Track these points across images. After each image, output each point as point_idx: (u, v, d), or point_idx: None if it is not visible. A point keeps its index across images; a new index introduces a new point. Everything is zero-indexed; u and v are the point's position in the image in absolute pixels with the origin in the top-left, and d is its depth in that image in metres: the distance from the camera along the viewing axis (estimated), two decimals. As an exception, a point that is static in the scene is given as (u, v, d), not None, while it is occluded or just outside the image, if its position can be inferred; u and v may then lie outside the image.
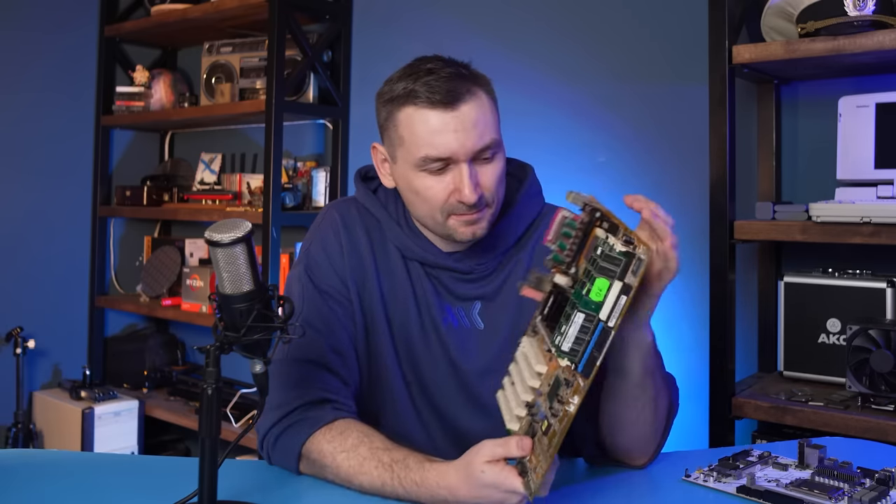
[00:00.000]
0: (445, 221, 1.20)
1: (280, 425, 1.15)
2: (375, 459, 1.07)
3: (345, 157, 2.85)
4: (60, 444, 2.95)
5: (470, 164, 1.17)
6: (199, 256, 3.16)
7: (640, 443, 1.16)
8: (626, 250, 0.87)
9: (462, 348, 1.26)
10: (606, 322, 0.87)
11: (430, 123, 1.16)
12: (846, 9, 1.64)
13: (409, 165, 1.19)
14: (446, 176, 1.18)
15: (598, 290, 0.88)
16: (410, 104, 1.17)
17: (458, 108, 1.15)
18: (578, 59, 2.35)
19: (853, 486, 1.04)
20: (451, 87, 1.15)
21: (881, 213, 1.60)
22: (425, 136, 1.16)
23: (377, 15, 2.81)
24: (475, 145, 1.16)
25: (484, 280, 1.27)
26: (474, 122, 1.16)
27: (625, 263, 0.87)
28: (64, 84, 3.23)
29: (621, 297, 0.87)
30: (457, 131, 1.15)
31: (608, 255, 0.89)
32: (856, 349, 1.65)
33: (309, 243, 1.30)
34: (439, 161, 1.16)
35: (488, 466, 0.95)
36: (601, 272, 0.89)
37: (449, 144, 1.15)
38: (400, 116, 1.19)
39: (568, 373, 0.91)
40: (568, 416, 0.88)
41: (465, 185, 1.16)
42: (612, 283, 0.87)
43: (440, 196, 1.18)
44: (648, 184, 2.22)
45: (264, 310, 0.98)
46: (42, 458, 1.36)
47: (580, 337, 0.89)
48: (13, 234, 3.10)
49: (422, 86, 1.16)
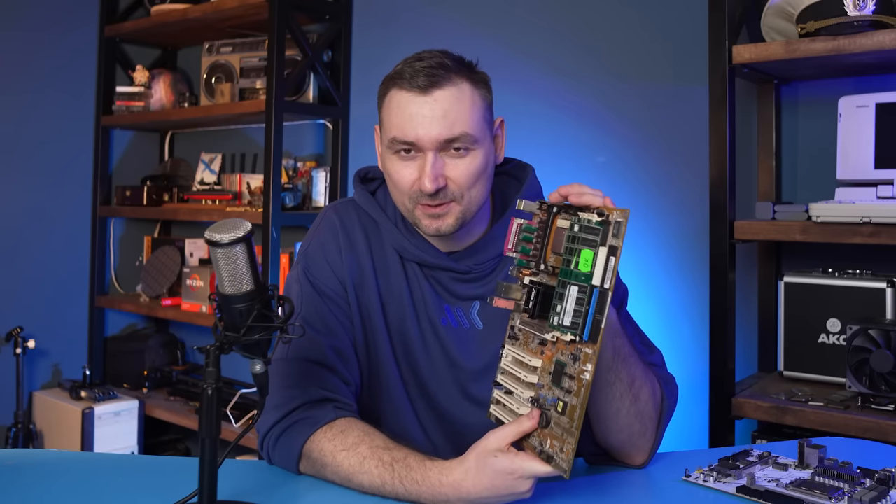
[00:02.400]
0: (413, 210, 1.21)
1: (280, 425, 1.15)
2: (376, 458, 1.07)
3: (345, 157, 2.85)
4: (60, 444, 2.96)
5: (436, 153, 1.17)
6: (199, 256, 3.16)
7: (631, 438, 1.15)
8: (602, 219, 0.93)
9: (461, 348, 1.26)
10: (602, 285, 0.92)
11: (403, 106, 1.17)
12: (846, 9, 1.64)
13: (385, 146, 1.21)
14: (414, 162, 1.18)
15: (585, 262, 0.94)
16: (395, 86, 1.19)
17: (431, 93, 1.16)
18: (579, 59, 2.35)
19: (853, 486, 1.04)
20: (431, 73, 1.16)
21: (881, 213, 1.60)
22: (396, 119, 1.17)
23: (377, 15, 2.81)
24: (441, 135, 1.15)
25: (483, 280, 1.28)
26: (445, 111, 1.16)
27: (603, 231, 0.93)
28: (64, 84, 3.23)
29: (610, 258, 0.92)
30: (425, 117, 1.15)
31: (587, 227, 0.95)
32: (856, 349, 1.65)
33: (307, 244, 1.30)
34: (405, 144, 1.17)
35: (501, 453, 0.96)
36: (584, 244, 0.95)
37: (415, 129, 1.16)
38: (385, 98, 1.21)
39: (571, 349, 0.94)
40: (585, 385, 0.91)
41: (425, 174, 1.16)
42: (598, 250, 0.93)
43: (406, 181, 1.19)
44: (648, 184, 2.22)
45: (264, 310, 0.98)
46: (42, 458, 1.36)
47: (578, 308, 0.93)
48: (13, 234, 3.10)
49: (408, 68, 1.17)
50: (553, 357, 0.97)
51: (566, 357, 0.95)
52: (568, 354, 0.95)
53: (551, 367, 0.97)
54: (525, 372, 1.01)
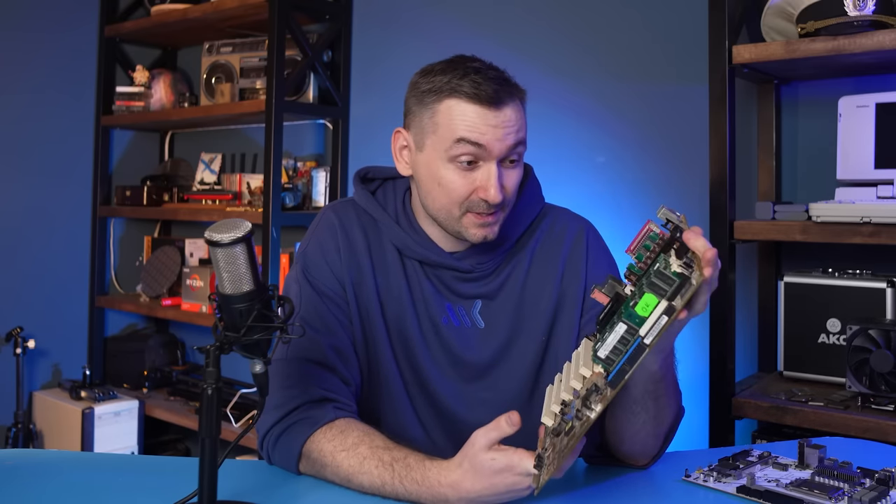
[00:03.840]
0: (461, 218, 1.21)
1: (280, 425, 1.15)
2: (376, 458, 1.07)
3: (345, 157, 2.85)
4: (60, 444, 2.95)
5: (499, 164, 1.19)
6: (199, 256, 3.16)
7: (642, 449, 1.16)
8: (681, 272, 0.87)
9: (462, 346, 1.26)
10: (644, 338, 0.87)
11: (471, 115, 1.18)
12: (846, 9, 1.64)
13: (440, 153, 1.20)
14: (474, 173, 1.19)
15: (645, 306, 0.88)
16: (454, 97, 1.19)
17: (500, 109, 1.18)
18: (578, 59, 2.35)
19: (853, 486, 1.04)
20: (497, 87, 1.18)
21: (881, 213, 1.60)
22: (465, 124, 1.18)
23: (377, 15, 2.81)
24: (511, 143, 1.19)
25: (485, 279, 1.28)
26: (512, 123, 1.19)
27: (677, 284, 0.86)
28: (64, 84, 3.23)
29: (663, 316, 0.86)
30: (496, 128, 1.17)
31: (661, 273, 0.89)
32: (856, 349, 1.65)
33: (306, 244, 1.30)
34: (474, 147, 1.17)
35: (496, 453, 0.96)
36: (651, 288, 0.88)
37: (486, 135, 1.17)
38: (440, 107, 1.20)
39: (602, 380, 0.91)
40: (588, 421, 0.89)
41: (492, 185, 1.18)
42: (660, 302, 0.87)
43: (463, 190, 1.20)
44: (648, 184, 2.22)
45: (264, 310, 0.98)
46: (42, 458, 1.36)
47: (618, 347, 0.89)
48: (13, 234, 3.10)
49: (468, 82, 1.18)
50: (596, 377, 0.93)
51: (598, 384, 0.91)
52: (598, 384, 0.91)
53: (591, 384, 0.93)
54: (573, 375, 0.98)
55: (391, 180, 1.36)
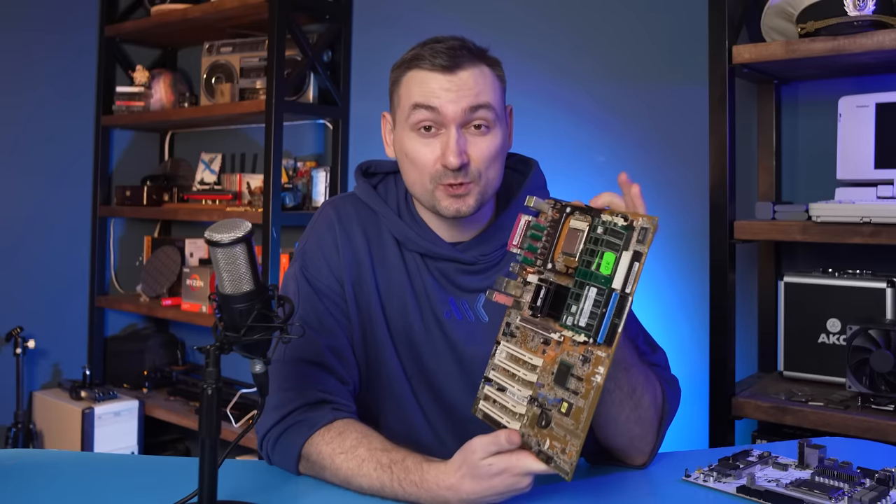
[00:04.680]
0: (434, 191, 1.21)
1: (279, 427, 1.15)
2: (374, 461, 1.06)
3: (345, 157, 2.85)
4: (60, 444, 2.95)
5: (459, 129, 1.18)
6: (199, 256, 3.16)
7: (631, 441, 1.15)
8: (627, 224, 0.94)
9: (467, 341, 1.25)
10: (623, 289, 0.92)
11: (426, 82, 1.18)
12: (846, 9, 1.64)
13: (403, 125, 1.21)
14: (436, 140, 1.19)
15: (607, 264, 0.94)
16: (414, 67, 1.20)
17: (455, 73, 1.17)
18: (578, 60, 2.35)
19: (853, 486, 1.04)
20: (453, 54, 1.18)
21: (881, 213, 1.60)
22: (418, 90, 1.18)
23: (377, 15, 2.81)
24: (466, 104, 1.17)
25: (488, 272, 1.27)
26: (471, 86, 1.18)
27: (627, 235, 0.93)
28: (64, 84, 3.23)
29: (634, 263, 0.92)
30: (449, 91, 1.17)
31: (612, 230, 0.95)
32: (856, 349, 1.65)
33: (304, 241, 1.30)
34: (428, 112, 1.17)
35: (493, 458, 0.96)
36: (608, 246, 0.95)
37: (440, 98, 1.17)
38: (403, 79, 1.22)
39: (580, 350, 0.94)
40: (595, 387, 0.91)
41: (451, 150, 1.16)
42: (621, 254, 0.93)
43: (428, 160, 1.19)
44: (648, 184, 2.22)
45: (264, 310, 0.98)
46: (42, 458, 1.36)
47: (594, 310, 0.94)
48: (13, 234, 3.10)
49: (427, 51, 1.19)
50: (557, 357, 0.97)
51: (574, 358, 0.95)
52: (577, 356, 0.94)
53: (554, 367, 0.97)
54: (524, 370, 1.01)
55: (393, 174, 1.36)
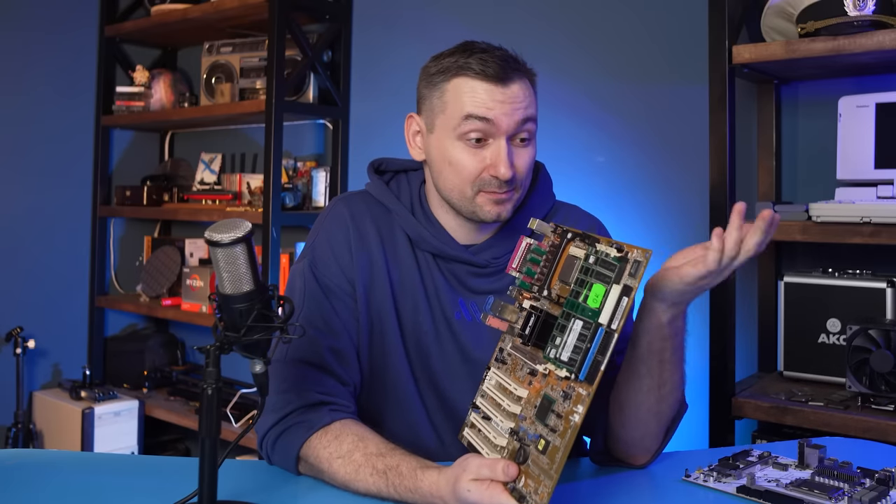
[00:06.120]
0: (474, 197, 1.21)
1: (277, 428, 1.15)
2: (370, 466, 1.07)
3: (345, 157, 2.85)
4: (60, 444, 2.95)
5: (508, 141, 1.19)
6: (199, 256, 3.16)
7: (644, 437, 1.14)
8: (620, 255, 0.90)
9: (476, 342, 1.25)
10: (609, 325, 0.88)
11: (479, 92, 1.18)
12: (846, 9, 1.64)
13: (449, 132, 1.21)
14: (483, 150, 1.20)
15: (595, 297, 0.90)
16: (462, 75, 1.20)
17: (507, 84, 1.19)
18: (578, 59, 2.35)
19: (853, 486, 1.04)
20: (503, 65, 1.19)
21: (881, 213, 1.60)
22: (472, 100, 1.18)
23: (377, 15, 2.81)
24: (519, 118, 1.19)
25: (498, 275, 1.27)
26: (521, 99, 1.20)
27: (619, 268, 0.89)
28: (64, 84, 3.23)
29: (622, 298, 0.88)
30: (503, 103, 1.18)
31: (604, 262, 0.91)
32: (856, 349, 1.65)
33: (314, 238, 1.29)
34: (482, 123, 1.18)
35: (474, 485, 0.93)
36: (598, 278, 0.91)
37: (494, 110, 1.18)
38: (448, 86, 1.21)
39: (563, 386, 0.90)
40: (572, 427, 0.87)
41: (502, 161, 1.18)
42: (611, 287, 0.89)
43: (473, 169, 1.20)
44: (648, 184, 2.22)
45: (264, 310, 0.98)
46: (42, 458, 1.36)
47: (578, 344, 0.89)
48: (13, 234, 3.10)
49: (475, 60, 1.19)
50: (541, 390, 0.93)
51: (556, 393, 0.91)
52: (559, 391, 0.90)
53: (538, 400, 0.93)
54: (508, 400, 0.98)
55: (405, 172, 1.36)
